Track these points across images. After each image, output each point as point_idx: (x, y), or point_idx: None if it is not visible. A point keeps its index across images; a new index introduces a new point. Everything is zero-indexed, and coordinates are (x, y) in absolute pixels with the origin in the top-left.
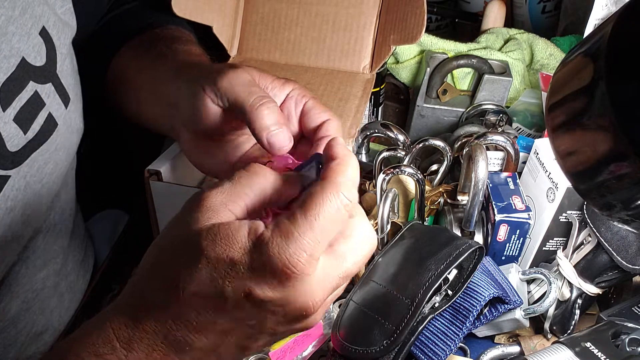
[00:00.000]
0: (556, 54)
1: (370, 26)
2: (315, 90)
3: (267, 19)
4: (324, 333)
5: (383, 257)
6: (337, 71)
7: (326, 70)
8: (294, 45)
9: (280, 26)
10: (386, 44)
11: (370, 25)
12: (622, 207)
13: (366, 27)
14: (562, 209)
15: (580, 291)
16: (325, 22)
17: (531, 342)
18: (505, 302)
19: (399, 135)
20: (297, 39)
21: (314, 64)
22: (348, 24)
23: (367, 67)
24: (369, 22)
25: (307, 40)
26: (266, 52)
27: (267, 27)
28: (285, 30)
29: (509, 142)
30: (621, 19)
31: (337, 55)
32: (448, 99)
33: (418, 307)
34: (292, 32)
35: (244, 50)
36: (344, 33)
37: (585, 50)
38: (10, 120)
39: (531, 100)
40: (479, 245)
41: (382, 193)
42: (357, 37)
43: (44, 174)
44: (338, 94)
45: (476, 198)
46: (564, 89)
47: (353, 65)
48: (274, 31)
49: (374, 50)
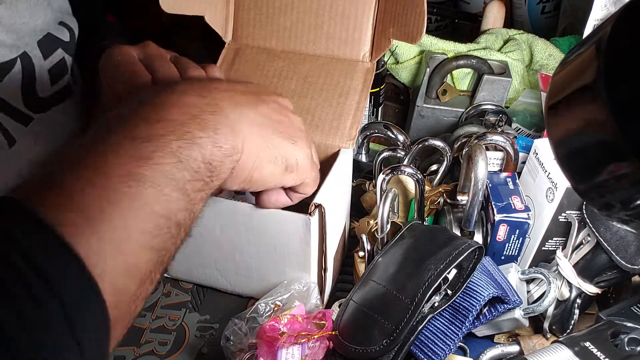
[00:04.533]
0: (555, 55)
1: (369, 13)
2: (314, 84)
3: (260, 3)
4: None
5: (383, 257)
6: (337, 59)
7: (325, 58)
8: (290, 32)
9: (274, 11)
10: (385, 36)
11: (369, 12)
12: (621, 207)
13: (365, 14)
14: (561, 208)
15: (579, 291)
16: (322, 8)
17: (530, 342)
18: (505, 302)
19: (399, 135)
20: (293, 25)
21: (312, 52)
22: (346, 10)
23: (366, 56)
24: (367, 9)
25: (303, 27)
26: (262, 38)
27: (260, 11)
28: (281, 16)
29: (508, 142)
30: (620, 20)
31: (336, 42)
32: (448, 99)
33: (418, 307)
34: (288, 17)
35: (239, 36)
36: (341, 20)
37: (584, 51)
38: (46, 70)
39: (530, 101)
40: (479, 245)
41: (382, 193)
42: (356, 24)
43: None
44: (337, 88)
45: (476, 198)
46: (563, 89)
47: (352, 53)
48: (269, 16)
49: (374, 39)
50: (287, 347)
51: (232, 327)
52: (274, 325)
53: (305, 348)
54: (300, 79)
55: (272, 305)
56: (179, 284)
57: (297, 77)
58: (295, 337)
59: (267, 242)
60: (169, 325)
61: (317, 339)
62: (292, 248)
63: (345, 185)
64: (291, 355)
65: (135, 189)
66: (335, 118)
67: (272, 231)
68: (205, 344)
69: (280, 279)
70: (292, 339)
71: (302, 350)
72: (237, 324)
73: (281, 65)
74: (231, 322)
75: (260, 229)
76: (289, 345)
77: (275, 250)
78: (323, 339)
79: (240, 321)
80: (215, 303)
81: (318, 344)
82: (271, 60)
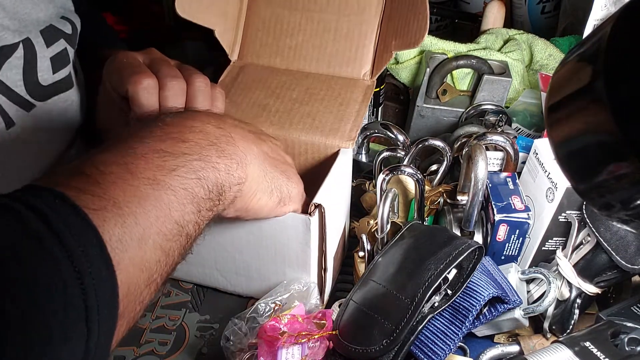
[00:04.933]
0: (555, 55)
1: (372, 34)
2: (316, 95)
3: (269, 25)
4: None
5: (383, 256)
6: (338, 77)
7: (327, 76)
8: (295, 52)
9: (282, 32)
10: (387, 51)
11: (371, 33)
12: (621, 207)
13: (367, 35)
14: (561, 208)
15: (579, 291)
16: (327, 30)
17: (530, 342)
18: (505, 302)
19: (399, 135)
20: (299, 45)
21: (315, 70)
22: (350, 32)
23: (367, 74)
24: (370, 30)
25: (308, 47)
26: (267, 57)
27: (268, 33)
28: (287, 37)
29: (508, 142)
30: (620, 20)
31: (338, 62)
32: (448, 99)
33: (418, 307)
34: (294, 38)
35: (245, 54)
36: (345, 41)
37: (584, 51)
38: (48, 58)
39: (530, 101)
40: (479, 245)
41: (382, 193)
42: (359, 44)
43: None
44: (338, 99)
45: (476, 198)
46: (563, 89)
47: (354, 72)
48: (276, 37)
49: (375, 58)
50: (288, 347)
51: (232, 327)
52: (274, 325)
53: (306, 348)
54: (302, 91)
55: (272, 305)
56: (179, 284)
57: (300, 89)
58: (296, 337)
59: (267, 242)
60: (169, 325)
61: (317, 338)
62: (292, 248)
63: (345, 185)
64: (291, 355)
65: (159, 192)
66: (335, 122)
67: (272, 231)
68: (205, 344)
69: (280, 279)
70: (292, 339)
71: (302, 350)
72: (237, 324)
73: (284, 79)
74: (231, 322)
75: (260, 229)
76: (289, 345)
77: (275, 250)
78: (323, 339)
79: (240, 321)
80: (215, 303)
81: (318, 343)
82: (273, 76)
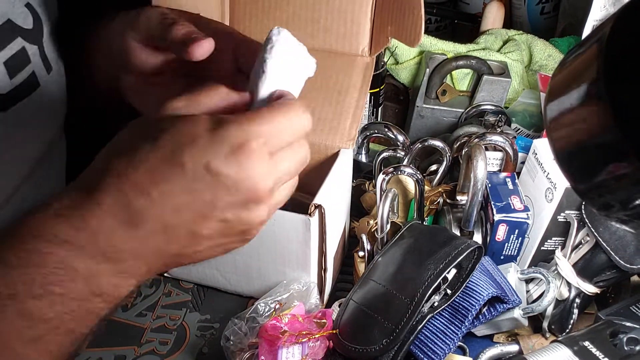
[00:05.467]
0: (555, 55)
1: (367, 8)
2: (313, 82)
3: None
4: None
5: (383, 256)
6: (335, 53)
7: (323, 52)
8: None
9: (271, 5)
10: (384, 33)
11: (366, 7)
12: (621, 207)
13: (362, 9)
14: (560, 208)
15: (578, 290)
16: (318, 2)
17: (530, 341)
18: (504, 302)
19: (399, 135)
20: (290, 19)
21: (310, 46)
22: (342, 5)
23: (365, 50)
24: (364, 4)
25: (300, 21)
26: (258, 32)
27: (257, 5)
28: (277, 10)
29: (507, 143)
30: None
31: (334, 36)
32: (447, 100)
33: (417, 306)
34: (284, 11)
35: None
36: (338, 14)
37: (583, 51)
38: (1, 63)
39: (530, 101)
40: (478, 245)
41: (382, 193)
42: (353, 18)
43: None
44: (337, 85)
45: (475, 198)
46: (562, 89)
47: (351, 47)
48: (265, 10)
49: (372, 35)
50: (288, 346)
51: (232, 326)
52: (275, 324)
53: (306, 347)
54: None
55: (273, 304)
56: (179, 283)
57: None
58: (296, 336)
59: (267, 242)
60: (170, 325)
61: (317, 338)
62: (292, 248)
63: (345, 185)
64: (291, 355)
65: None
66: (334, 117)
67: (272, 231)
68: (206, 344)
69: (280, 279)
70: (292, 338)
71: (303, 349)
72: (237, 324)
73: None
74: (231, 322)
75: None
76: (290, 345)
77: (275, 250)
78: (323, 339)
79: (240, 321)
80: (216, 303)
81: (318, 343)
82: None
